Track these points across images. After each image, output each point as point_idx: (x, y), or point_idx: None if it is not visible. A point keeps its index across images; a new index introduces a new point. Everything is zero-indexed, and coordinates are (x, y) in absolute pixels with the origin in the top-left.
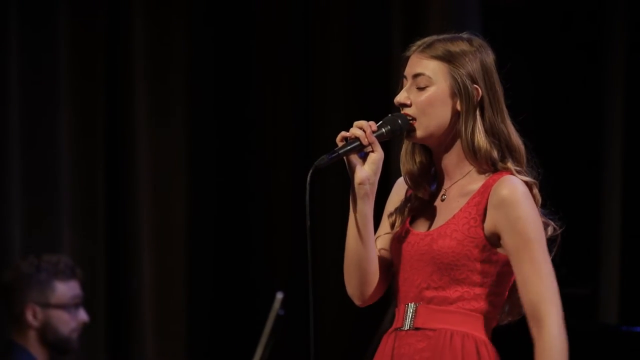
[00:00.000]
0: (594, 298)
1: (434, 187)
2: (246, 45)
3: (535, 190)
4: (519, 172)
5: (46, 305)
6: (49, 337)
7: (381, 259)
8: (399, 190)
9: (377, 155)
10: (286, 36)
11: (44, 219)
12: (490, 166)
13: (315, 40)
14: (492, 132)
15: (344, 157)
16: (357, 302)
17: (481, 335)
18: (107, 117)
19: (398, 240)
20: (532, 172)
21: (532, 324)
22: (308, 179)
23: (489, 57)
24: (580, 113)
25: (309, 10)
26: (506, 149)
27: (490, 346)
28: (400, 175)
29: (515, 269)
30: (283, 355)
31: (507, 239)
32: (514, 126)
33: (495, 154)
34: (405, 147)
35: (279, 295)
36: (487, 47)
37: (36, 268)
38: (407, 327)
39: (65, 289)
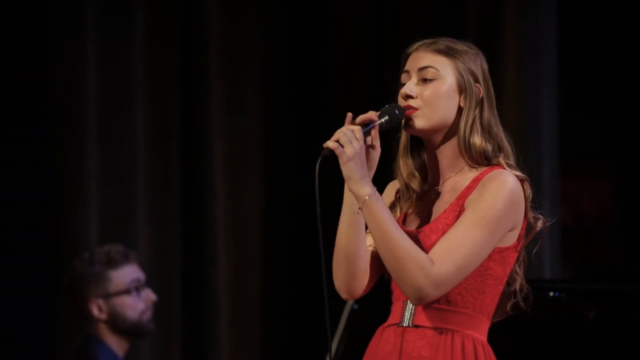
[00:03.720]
0: None
1: (426, 186)
2: (321, 31)
3: (526, 185)
4: (510, 167)
5: (107, 295)
6: (120, 325)
7: (373, 256)
8: (390, 193)
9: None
10: (360, 21)
11: (120, 214)
12: (483, 160)
13: (389, 28)
14: (489, 132)
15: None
16: (343, 295)
17: (479, 335)
18: (182, 109)
19: None
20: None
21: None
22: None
23: (485, 64)
24: None
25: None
26: (498, 149)
27: (488, 347)
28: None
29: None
30: (357, 348)
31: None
32: (504, 131)
33: (489, 148)
34: (402, 146)
35: None
36: (483, 55)
37: (88, 263)
38: (406, 324)
39: (121, 275)
